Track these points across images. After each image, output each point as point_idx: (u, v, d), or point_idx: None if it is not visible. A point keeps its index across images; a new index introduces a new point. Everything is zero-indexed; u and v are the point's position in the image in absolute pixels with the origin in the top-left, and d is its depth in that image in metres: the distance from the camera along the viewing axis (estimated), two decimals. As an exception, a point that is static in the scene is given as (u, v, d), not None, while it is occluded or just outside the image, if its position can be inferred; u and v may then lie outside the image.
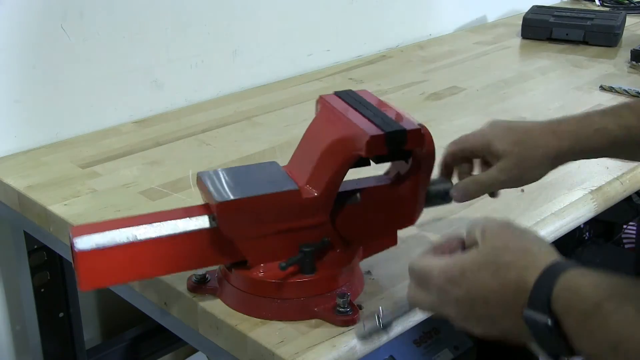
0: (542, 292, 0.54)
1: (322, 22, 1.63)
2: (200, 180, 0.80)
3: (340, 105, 0.82)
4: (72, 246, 0.72)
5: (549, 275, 0.55)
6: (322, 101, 0.85)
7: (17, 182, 1.09)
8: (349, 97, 0.84)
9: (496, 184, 0.86)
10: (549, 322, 0.53)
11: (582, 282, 0.53)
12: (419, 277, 0.65)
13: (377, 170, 0.83)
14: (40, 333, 1.23)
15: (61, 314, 1.24)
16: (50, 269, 1.20)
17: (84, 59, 1.25)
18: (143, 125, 1.32)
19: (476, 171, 0.89)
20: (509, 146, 0.84)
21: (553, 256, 0.58)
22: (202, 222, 0.77)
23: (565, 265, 0.55)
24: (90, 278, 0.73)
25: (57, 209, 1.01)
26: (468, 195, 0.86)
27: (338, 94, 0.85)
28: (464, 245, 0.67)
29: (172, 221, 0.76)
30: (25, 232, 1.16)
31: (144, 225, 0.75)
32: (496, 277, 0.58)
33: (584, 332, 0.52)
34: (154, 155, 1.19)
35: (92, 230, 0.73)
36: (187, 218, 0.76)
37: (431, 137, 0.79)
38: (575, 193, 1.06)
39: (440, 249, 0.67)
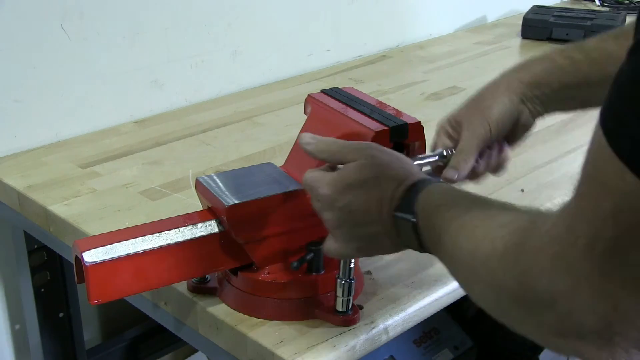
0: (408, 199, 0.66)
1: (322, 22, 1.63)
2: (201, 185, 0.79)
3: (333, 103, 0.83)
4: (78, 260, 0.71)
5: (416, 187, 0.66)
6: (312, 100, 0.85)
7: (17, 182, 1.09)
8: (340, 95, 0.85)
9: (472, 148, 0.83)
10: (411, 218, 0.65)
11: (435, 190, 0.66)
12: (310, 187, 0.72)
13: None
14: (40, 333, 1.22)
15: (61, 314, 1.24)
16: (50, 269, 1.20)
17: (84, 59, 1.25)
18: (143, 125, 1.32)
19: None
20: (464, 109, 0.86)
21: (419, 175, 0.69)
22: (209, 227, 0.77)
23: (428, 181, 0.67)
24: (101, 291, 0.72)
25: (57, 209, 1.01)
26: (459, 168, 0.82)
27: (326, 91, 0.86)
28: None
29: (180, 228, 0.75)
30: (25, 232, 1.15)
31: (152, 235, 0.74)
32: (376, 188, 0.68)
33: (427, 228, 0.64)
34: (154, 155, 1.19)
35: (98, 243, 0.72)
36: (194, 224, 0.76)
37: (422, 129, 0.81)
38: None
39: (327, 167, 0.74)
